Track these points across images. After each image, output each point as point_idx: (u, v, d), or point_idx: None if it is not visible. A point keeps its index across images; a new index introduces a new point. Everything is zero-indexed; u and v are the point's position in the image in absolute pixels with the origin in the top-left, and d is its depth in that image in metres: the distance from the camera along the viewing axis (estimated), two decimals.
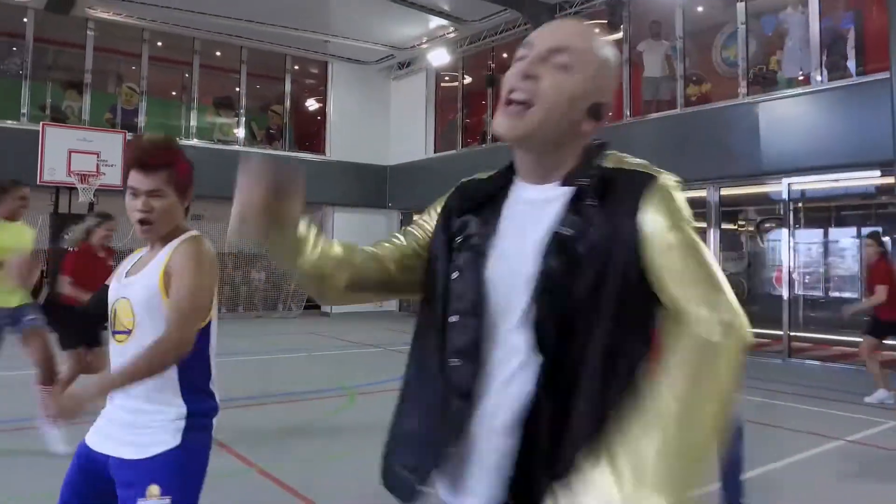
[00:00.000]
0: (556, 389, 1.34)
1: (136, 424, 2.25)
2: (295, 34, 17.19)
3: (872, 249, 7.93)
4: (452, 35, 17.00)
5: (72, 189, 14.35)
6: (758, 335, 8.72)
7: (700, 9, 13.81)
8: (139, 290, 2.29)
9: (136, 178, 2.29)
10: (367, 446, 1.82)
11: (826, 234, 13.51)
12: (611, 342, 1.33)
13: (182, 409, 2.26)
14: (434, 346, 1.50)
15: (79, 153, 14.26)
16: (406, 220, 18.84)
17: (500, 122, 1.44)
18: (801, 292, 12.88)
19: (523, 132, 1.43)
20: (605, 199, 1.39)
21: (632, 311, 1.35)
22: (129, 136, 15.39)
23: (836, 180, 11.55)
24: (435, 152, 18.96)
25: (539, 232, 1.41)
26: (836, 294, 13.25)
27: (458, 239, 1.54)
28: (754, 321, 1.43)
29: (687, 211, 1.39)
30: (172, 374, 2.24)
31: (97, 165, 14.37)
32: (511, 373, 1.38)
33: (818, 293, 13.53)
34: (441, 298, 1.50)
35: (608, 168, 1.45)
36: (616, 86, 1.55)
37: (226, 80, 18.81)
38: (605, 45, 1.47)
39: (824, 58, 11.22)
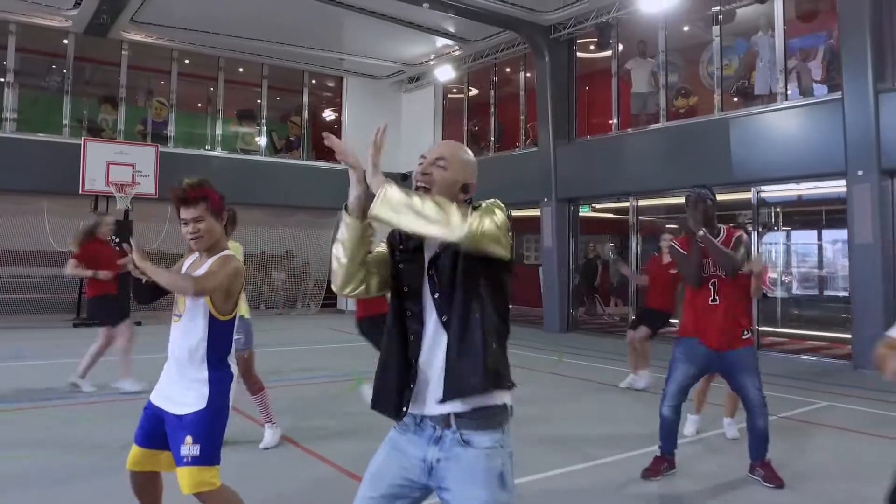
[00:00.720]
0: (448, 329, 2.38)
1: (177, 390, 3.35)
2: (312, 53, 18.37)
3: (665, 244, 8.40)
4: (457, 53, 18.03)
5: (110, 197, 15.50)
6: None
7: (686, 28, 14.79)
8: None
9: (182, 212, 3.41)
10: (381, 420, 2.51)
11: (788, 237, 14.61)
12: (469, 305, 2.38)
13: (205, 377, 3.32)
14: (395, 315, 2.52)
15: (116, 165, 15.45)
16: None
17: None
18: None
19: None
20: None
21: (484, 281, 2.38)
22: (160, 147, 16.62)
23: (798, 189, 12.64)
24: None
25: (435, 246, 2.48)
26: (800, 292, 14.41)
27: (401, 246, 2.56)
28: None
29: (498, 209, 2.36)
30: (202, 350, 3.34)
31: (133, 176, 15.54)
32: (434, 324, 2.42)
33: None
34: (394, 280, 2.55)
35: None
36: (474, 176, 2.55)
37: (248, 94, 19.89)
38: (466, 152, 2.56)
39: (785, 78, 12.26)
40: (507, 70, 18.39)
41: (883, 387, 8.54)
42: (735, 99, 13.42)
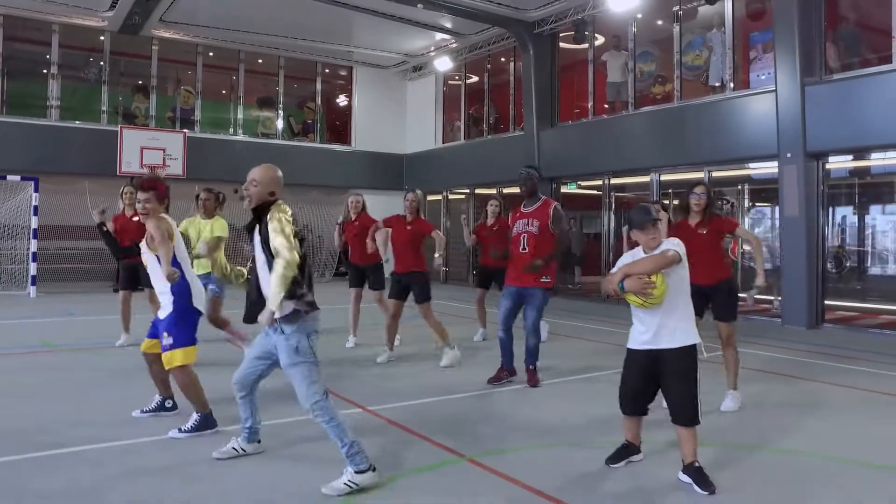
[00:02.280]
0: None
1: (161, 299, 5.32)
2: (323, 46, 19.82)
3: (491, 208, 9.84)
4: (454, 45, 19.38)
5: None
6: None
7: (660, 22, 16.01)
8: None
9: (140, 195, 5.35)
10: (363, 371, 4.23)
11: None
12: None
13: (168, 289, 5.27)
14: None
15: (149, 149, 17.06)
16: (421, 201, 21.20)
17: (245, 205, 4.23)
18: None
19: (252, 209, 4.24)
20: (262, 219, 4.17)
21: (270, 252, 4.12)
22: (188, 133, 18.16)
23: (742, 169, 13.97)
24: (443, 143, 21.47)
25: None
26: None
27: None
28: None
29: (284, 215, 4.13)
30: (159, 270, 5.26)
31: (164, 159, 17.17)
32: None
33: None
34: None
35: (272, 209, 4.19)
36: (277, 186, 4.23)
37: (267, 83, 21.27)
38: (271, 171, 4.24)
39: (733, 70, 13.58)
40: (501, 60, 19.70)
41: None
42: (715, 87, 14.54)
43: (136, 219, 8.53)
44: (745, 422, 5.78)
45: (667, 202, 13.54)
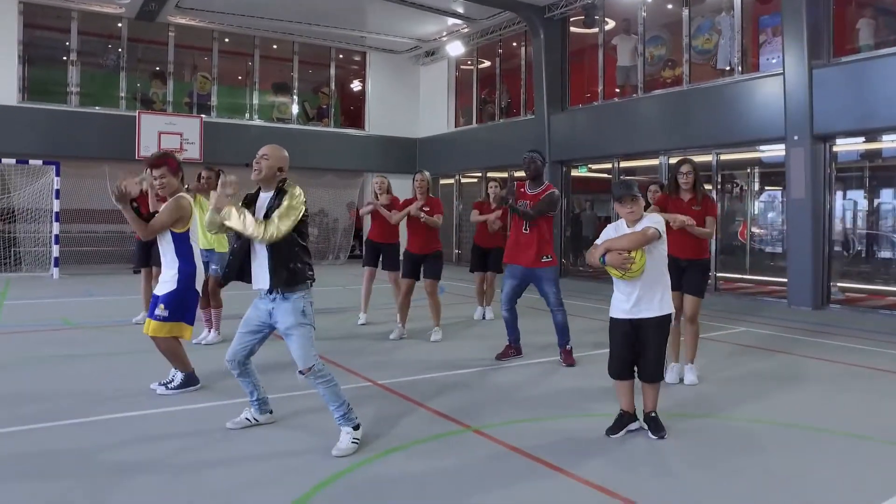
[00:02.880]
0: None
1: (165, 274, 5.51)
2: (337, 31, 19.90)
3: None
4: (466, 30, 19.45)
5: None
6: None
7: (669, 6, 15.99)
8: None
9: (154, 171, 5.45)
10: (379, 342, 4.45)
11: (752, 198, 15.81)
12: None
13: (176, 268, 5.45)
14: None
15: (166, 134, 17.27)
16: (433, 184, 21.29)
17: (253, 175, 4.39)
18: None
19: (259, 179, 4.42)
20: (279, 195, 4.35)
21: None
22: (205, 117, 18.35)
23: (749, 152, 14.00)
24: (456, 127, 21.57)
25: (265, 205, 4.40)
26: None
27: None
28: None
29: (297, 193, 4.34)
30: (171, 247, 5.47)
31: (181, 143, 17.38)
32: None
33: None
34: None
35: (282, 187, 4.39)
36: (285, 163, 4.44)
37: (282, 68, 21.35)
38: (280, 150, 4.44)
39: (741, 54, 13.59)
40: (513, 45, 19.73)
41: None
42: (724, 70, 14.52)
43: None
44: (718, 394, 5.92)
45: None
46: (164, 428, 4.78)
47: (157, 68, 19.61)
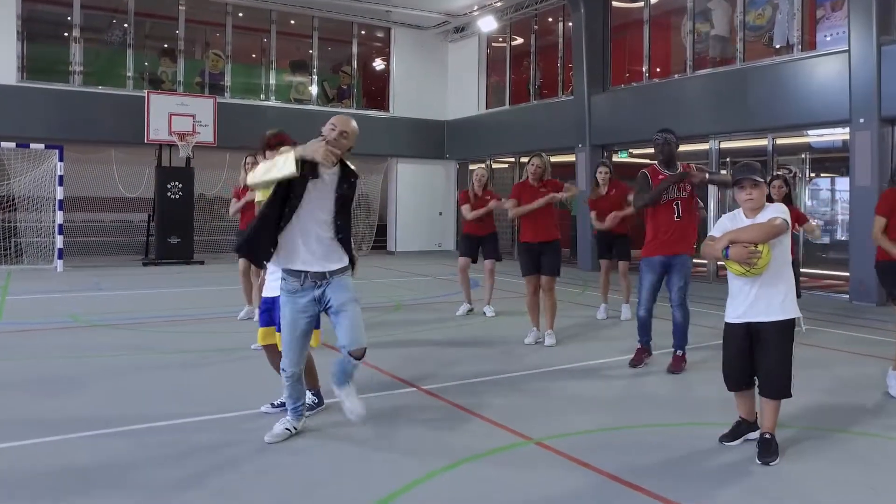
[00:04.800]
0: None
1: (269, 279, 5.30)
2: (360, 5, 19.86)
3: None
4: (499, 4, 19.30)
5: (172, 146, 17.30)
6: None
7: None
8: None
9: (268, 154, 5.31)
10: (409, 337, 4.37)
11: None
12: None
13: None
14: None
15: (178, 115, 17.25)
16: (462, 170, 21.49)
17: (332, 152, 4.30)
18: None
19: (339, 157, 4.42)
20: (345, 171, 4.44)
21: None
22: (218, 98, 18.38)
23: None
24: (487, 108, 21.46)
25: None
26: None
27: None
28: None
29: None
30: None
31: (193, 126, 17.32)
32: None
33: None
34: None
35: (349, 165, 4.48)
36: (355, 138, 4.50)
37: (300, 45, 21.35)
38: (355, 127, 4.49)
39: (802, 30, 13.37)
40: (549, 20, 19.57)
41: None
42: (778, 47, 14.20)
43: None
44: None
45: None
46: (193, 438, 4.77)
47: (167, 45, 19.67)
